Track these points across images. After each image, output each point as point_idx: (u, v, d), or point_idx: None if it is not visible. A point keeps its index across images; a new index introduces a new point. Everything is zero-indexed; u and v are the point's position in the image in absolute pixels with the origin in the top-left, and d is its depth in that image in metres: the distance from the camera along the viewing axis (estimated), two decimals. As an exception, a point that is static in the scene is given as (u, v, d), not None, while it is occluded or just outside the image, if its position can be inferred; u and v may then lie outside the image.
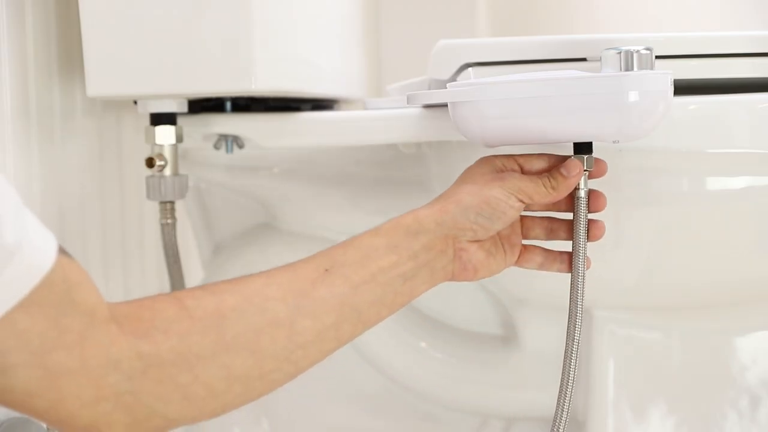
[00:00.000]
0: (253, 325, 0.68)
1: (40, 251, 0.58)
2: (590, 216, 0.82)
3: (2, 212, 0.55)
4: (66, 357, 0.59)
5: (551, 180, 0.79)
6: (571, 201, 0.82)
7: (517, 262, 0.84)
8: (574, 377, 0.82)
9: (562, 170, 0.79)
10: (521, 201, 0.78)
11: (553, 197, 0.79)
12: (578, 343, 0.82)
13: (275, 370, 0.69)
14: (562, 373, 0.82)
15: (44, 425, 0.95)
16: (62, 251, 0.60)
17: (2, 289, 0.56)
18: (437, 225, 0.77)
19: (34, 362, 0.58)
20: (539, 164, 0.81)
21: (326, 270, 0.72)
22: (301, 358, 0.71)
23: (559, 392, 0.82)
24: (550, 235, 0.84)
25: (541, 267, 0.84)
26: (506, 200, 0.78)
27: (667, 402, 1.02)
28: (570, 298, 0.82)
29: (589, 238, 0.82)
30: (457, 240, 0.78)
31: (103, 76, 0.95)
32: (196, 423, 0.67)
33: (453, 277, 0.79)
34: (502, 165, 0.81)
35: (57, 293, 0.59)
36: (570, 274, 0.83)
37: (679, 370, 1.03)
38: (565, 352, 0.82)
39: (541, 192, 0.79)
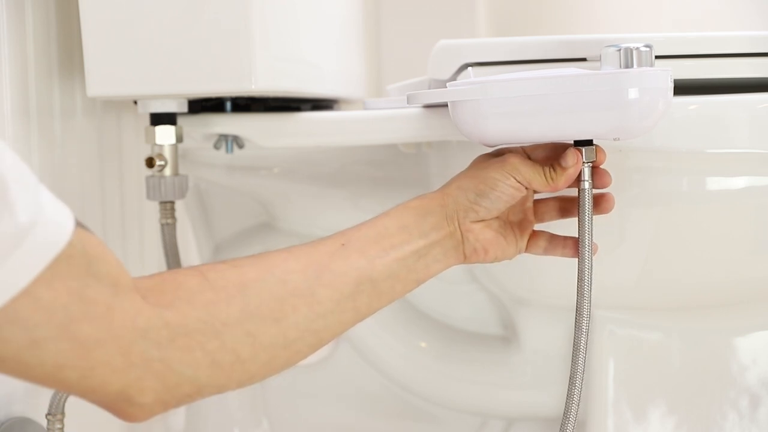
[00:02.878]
0: (275, 294, 0.70)
1: (56, 226, 0.59)
2: (599, 191, 0.83)
3: (17, 190, 0.56)
4: (93, 328, 0.60)
5: (551, 171, 0.80)
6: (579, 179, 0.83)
7: (525, 249, 0.85)
8: (582, 371, 0.82)
9: (561, 161, 0.80)
10: (520, 183, 0.80)
11: (551, 188, 0.81)
12: (587, 335, 0.82)
13: (298, 339, 0.71)
14: (571, 367, 0.82)
15: (44, 425, 0.95)
16: (80, 225, 0.61)
17: (20, 264, 0.56)
18: (441, 207, 0.80)
19: (62, 335, 0.59)
20: (543, 152, 0.83)
21: (342, 244, 0.76)
22: (322, 328, 0.73)
23: (569, 386, 0.82)
24: (564, 214, 0.86)
25: (545, 252, 0.85)
26: (504, 180, 0.79)
27: (667, 402, 1.02)
28: (577, 290, 0.82)
29: (599, 211, 0.83)
30: (462, 221, 0.80)
31: (103, 76, 0.95)
32: (224, 392, 0.69)
33: (466, 259, 0.82)
34: (507, 150, 0.83)
35: (77, 266, 0.60)
36: (576, 261, 0.83)
37: (679, 370, 1.02)
38: (574, 345, 0.82)
39: (539, 181, 0.80)
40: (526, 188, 0.81)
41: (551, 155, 0.82)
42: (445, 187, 0.82)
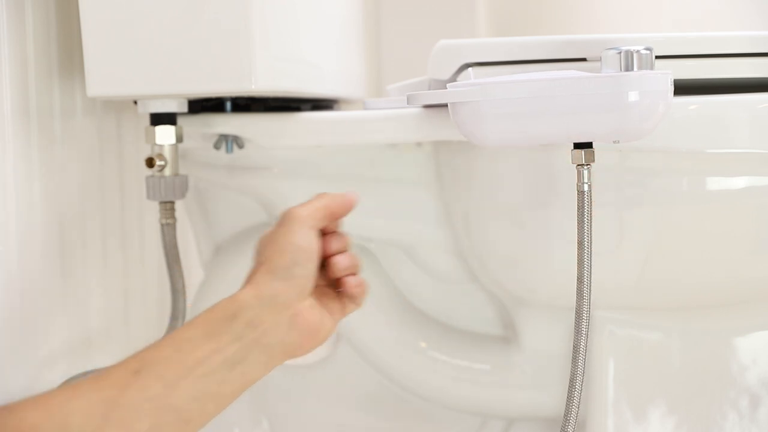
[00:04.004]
0: None
1: None
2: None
3: None
4: None
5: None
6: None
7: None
8: (582, 372, 0.82)
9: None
10: (313, 229, 0.74)
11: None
12: (586, 337, 0.82)
13: None
14: (571, 369, 0.83)
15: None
16: None
17: None
18: (257, 298, 0.71)
19: None
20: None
21: (136, 372, 0.67)
22: None
23: (569, 387, 0.82)
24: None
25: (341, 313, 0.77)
26: (308, 245, 0.73)
27: (667, 402, 1.02)
28: (577, 293, 0.82)
29: (351, 302, 0.77)
30: (287, 306, 0.71)
31: (103, 76, 0.95)
32: None
33: (296, 350, 0.72)
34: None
35: None
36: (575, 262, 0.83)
37: (679, 370, 1.03)
38: (574, 347, 0.82)
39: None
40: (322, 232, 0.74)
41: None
42: (253, 275, 0.73)
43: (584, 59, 0.90)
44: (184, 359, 0.67)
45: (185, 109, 1.01)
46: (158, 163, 1.00)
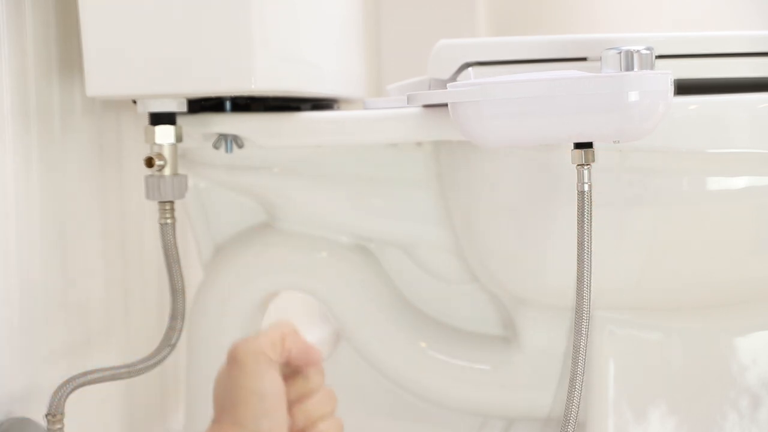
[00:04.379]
0: None
1: None
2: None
3: None
4: None
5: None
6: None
7: None
8: (582, 372, 0.82)
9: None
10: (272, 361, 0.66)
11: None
12: (587, 337, 0.82)
13: None
14: (571, 369, 0.82)
15: (44, 425, 0.95)
16: None
17: None
18: None
19: None
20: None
21: None
22: None
23: (569, 387, 0.82)
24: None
25: None
26: (271, 391, 0.65)
27: (667, 402, 1.02)
28: (576, 293, 0.82)
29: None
30: None
31: (103, 76, 0.95)
32: None
33: None
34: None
35: None
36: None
37: (679, 370, 1.02)
38: (574, 347, 0.82)
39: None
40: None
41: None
42: (219, 426, 0.64)
43: (584, 59, 0.90)
44: None
45: (185, 108, 1.01)
46: (157, 162, 1.00)
